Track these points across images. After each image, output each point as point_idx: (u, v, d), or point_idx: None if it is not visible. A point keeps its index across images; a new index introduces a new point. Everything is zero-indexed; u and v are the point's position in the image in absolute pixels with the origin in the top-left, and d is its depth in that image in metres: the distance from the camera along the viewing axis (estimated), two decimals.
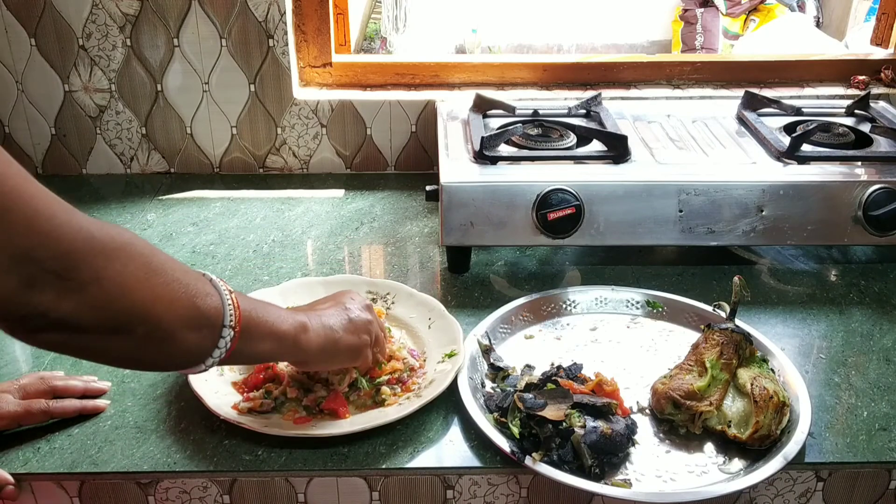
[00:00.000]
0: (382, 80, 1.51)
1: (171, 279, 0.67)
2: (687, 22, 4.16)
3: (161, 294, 0.66)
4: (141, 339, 0.66)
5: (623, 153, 1.19)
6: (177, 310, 0.67)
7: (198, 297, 0.69)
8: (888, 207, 1.13)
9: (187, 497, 0.87)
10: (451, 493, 0.87)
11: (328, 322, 0.84)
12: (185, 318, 0.68)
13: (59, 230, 0.58)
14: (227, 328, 0.71)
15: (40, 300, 0.58)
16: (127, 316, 0.64)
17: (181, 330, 0.68)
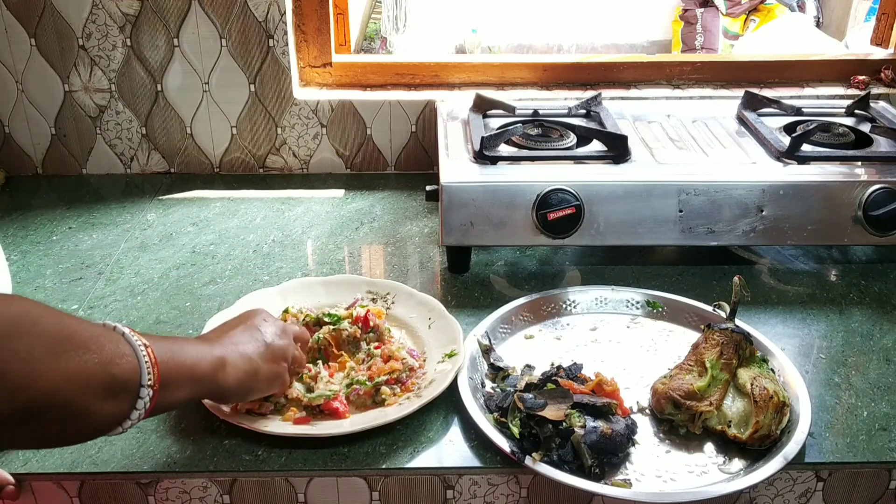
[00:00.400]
0: (382, 80, 1.51)
1: (82, 351, 0.61)
2: (687, 22, 4.16)
3: (73, 372, 0.60)
4: (50, 422, 0.60)
5: (623, 153, 1.19)
6: (91, 385, 0.62)
7: (112, 364, 0.63)
8: (888, 207, 1.13)
9: (187, 497, 0.87)
10: (451, 493, 0.87)
11: (245, 351, 0.81)
12: (100, 391, 0.63)
13: None
14: (146, 388, 0.66)
15: None
16: (36, 404, 0.58)
17: (96, 403, 0.63)
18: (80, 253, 1.24)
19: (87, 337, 0.63)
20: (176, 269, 1.20)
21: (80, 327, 0.63)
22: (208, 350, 0.77)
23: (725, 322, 0.98)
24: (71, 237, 1.29)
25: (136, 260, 1.22)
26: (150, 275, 1.18)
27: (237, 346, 0.81)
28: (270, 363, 0.84)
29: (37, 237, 1.28)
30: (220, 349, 0.79)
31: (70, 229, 1.31)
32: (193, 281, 1.17)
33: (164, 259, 1.23)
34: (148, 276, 1.18)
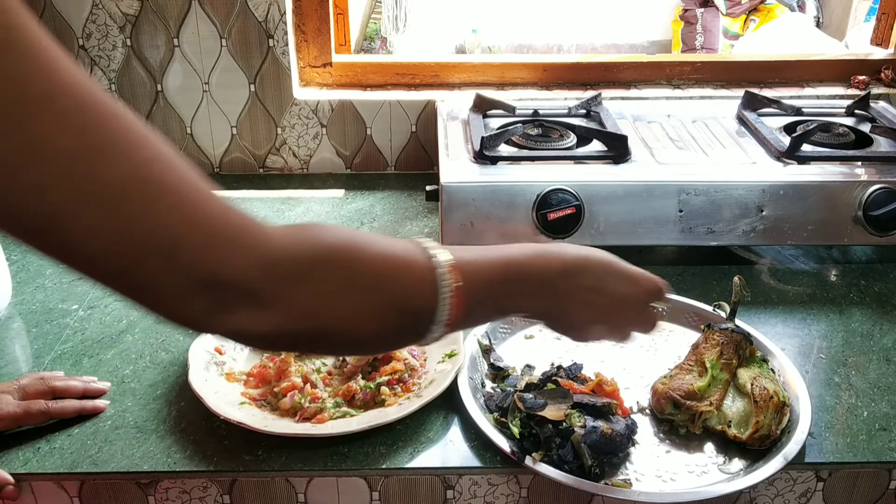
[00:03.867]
0: (382, 80, 1.51)
1: (377, 290, 0.61)
2: (687, 22, 4.16)
3: (360, 308, 0.60)
4: (338, 345, 0.64)
5: (623, 153, 1.19)
6: (380, 321, 0.62)
7: (407, 301, 0.62)
8: (888, 207, 1.13)
9: (187, 497, 0.87)
10: (451, 493, 0.87)
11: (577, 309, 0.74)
12: (389, 327, 0.63)
13: (248, 250, 0.54)
14: (439, 325, 0.64)
15: (233, 322, 0.55)
16: (322, 334, 0.60)
17: (383, 335, 0.63)
18: None
19: (388, 270, 0.62)
20: None
21: (385, 260, 0.62)
22: (531, 292, 0.70)
23: (725, 322, 0.98)
24: None
25: None
26: None
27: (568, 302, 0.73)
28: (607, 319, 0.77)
29: None
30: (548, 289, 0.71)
31: None
32: None
33: None
34: None
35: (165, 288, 0.52)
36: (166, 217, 0.50)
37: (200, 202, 0.52)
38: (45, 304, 1.11)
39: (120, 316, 1.09)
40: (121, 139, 0.48)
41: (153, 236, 0.50)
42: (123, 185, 0.48)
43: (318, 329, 0.59)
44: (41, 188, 0.46)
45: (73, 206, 0.47)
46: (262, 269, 0.55)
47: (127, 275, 0.52)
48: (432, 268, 0.63)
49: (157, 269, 0.51)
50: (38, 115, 0.45)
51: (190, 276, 0.52)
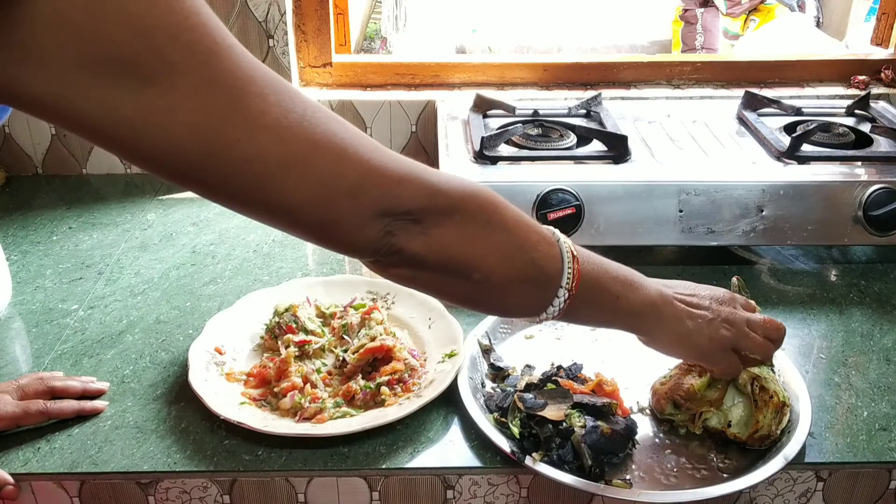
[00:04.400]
0: (382, 80, 1.51)
1: (511, 236, 0.71)
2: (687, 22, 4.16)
3: (497, 248, 0.70)
4: (476, 284, 0.71)
5: (623, 153, 1.19)
6: (510, 264, 0.71)
7: (536, 257, 0.72)
8: (888, 207, 1.13)
9: (187, 497, 0.87)
10: (451, 493, 0.87)
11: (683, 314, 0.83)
12: (518, 274, 0.72)
13: (414, 185, 0.66)
14: (563, 289, 0.73)
15: (396, 241, 0.66)
16: (463, 263, 0.69)
17: (513, 284, 0.72)
18: (80, 253, 1.24)
19: (523, 228, 0.72)
20: (176, 269, 1.20)
21: (521, 222, 0.72)
22: (641, 297, 0.80)
23: None
24: (71, 237, 1.29)
25: (136, 260, 1.22)
26: (150, 275, 1.18)
27: (680, 307, 0.83)
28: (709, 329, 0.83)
29: (37, 237, 1.28)
30: (658, 300, 0.81)
31: (70, 229, 1.31)
32: (193, 281, 1.17)
33: (164, 259, 1.23)
34: (148, 276, 1.18)
35: (349, 222, 0.63)
36: (352, 164, 0.61)
37: (373, 149, 0.64)
38: (45, 304, 1.11)
39: (120, 316, 1.09)
40: (307, 106, 0.59)
41: (343, 181, 0.61)
42: (318, 143, 0.59)
43: (461, 260, 0.69)
44: (258, 156, 0.57)
45: (282, 168, 0.58)
46: (426, 200, 0.66)
47: (321, 217, 0.62)
48: (556, 239, 0.74)
49: (345, 208, 0.62)
50: (245, 98, 0.55)
51: (371, 210, 0.63)
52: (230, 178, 0.57)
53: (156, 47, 0.50)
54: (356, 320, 1.02)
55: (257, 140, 0.56)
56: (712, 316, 0.83)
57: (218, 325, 1.02)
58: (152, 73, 0.51)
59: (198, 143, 0.54)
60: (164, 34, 0.51)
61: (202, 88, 0.53)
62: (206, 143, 0.55)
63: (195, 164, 0.56)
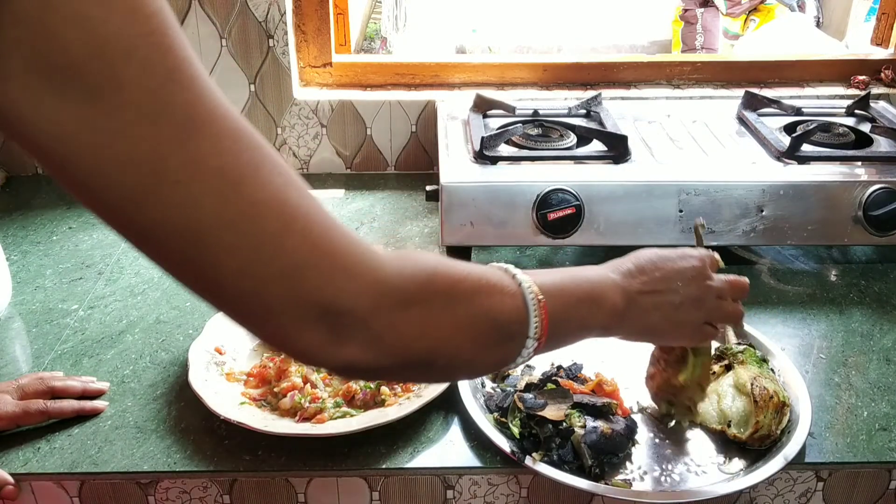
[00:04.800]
0: (382, 80, 1.51)
1: (474, 307, 0.63)
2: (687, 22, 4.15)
3: (461, 328, 0.63)
4: (442, 368, 0.66)
5: (623, 153, 1.19)
6: (477, 339, 0.65)
7: (502, 319, 0.65)
8: (888, 207, 1.13)
9: (187, 497, 0.87)
10: (451, 493, 0.87)
11: (652, 307, 0.77)
12: (485, 343, 0.66)
13: (364, 278, 0.56)
14: (531, 339, 0.67)
15: (347, 353, 0.57)
16: (425, 356, 0.62)
17: (480, 354, 0.66)
18: (80, 253, 1.24)
19: (483, 294, 0.64)
20: None
21: (479, 286, 0.65)
22: (608, 309, 0.74)
23: None
24: (71, 237, 1.29)
25: (136, 260, 1.22)
26: (150, 275, 1.18)
27: (646, 300, 0.76)
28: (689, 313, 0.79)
29: (37, 237, 1.28)
30: (623, 304, 0.74)
31: (70, 229, 1.31)
32: None
33: None
34: (148, 276, 1.18)
35: (286, 314, 0.54)
36: (297, 241, 0.52)
37: (326, 229, 0.54)
38: (45, 304, 1.11)
39: (120, 316, 1.09)
40: (265, 163, 0.52)
41: (283, 259, 0.52)
42: (264, 206, 0.51)
43: (425, 353, 0.62)
44: (194, 204, 0.49)
45: (217, 223, 0.50)
46: (374, 299, 0.56)
47: (251, 297, 0.53)
48: (518, 284, 0.66)
49: (280, 293, 0.53)
50: (196, 137, 0.48)
51: (310, 303, 0.54)
52: (161, 226, 0.49)
53: (108, 58, 0.45)
54: None
55: (197, 186, 0.48)
56: (680, 300, 0.78)
57: (218, 324, 1.02)
58: (99, 87, 0.45)
59: (133, 176, 0.47)
60: (120, 45, 0.45)
61: (150, 115, 0.46)
62: (142, 178, 0.47)
63: (127, 202, 0.48)
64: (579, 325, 0.73)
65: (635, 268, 0.77)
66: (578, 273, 0.75)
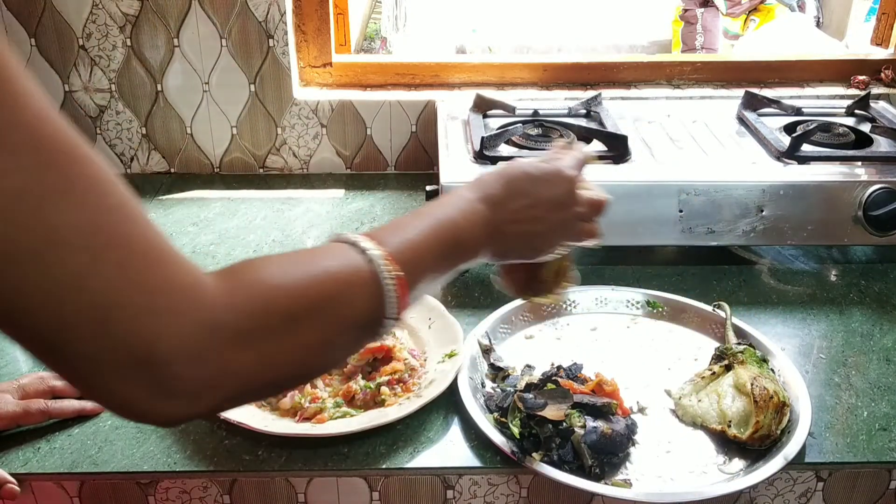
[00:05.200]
0: (382, 80, 1.51)
1: (322, 318, 0.57)
2: (687, 22, 4.15)
3: (313, 349, 0.57)
4: (297, 383, 0.63)
5: (623, 153, 1.19)
6: (332, 346, 0.59)
7: (355, 317, 0.60)
8: (888, 207, 1.13)
9: (187, 497, 0.87)
10: (451, 493, 0.87)
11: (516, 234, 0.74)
12: (343, 346, 0.61)
13: (187, 317, 0.48)
14: (388, 319, 0.63)
15: (173, 407, 0.49)
16: (273, 383, 0.57)
17: (340, 354, 0.63)
18: None
19: (348, 294, 0.59)
20: None
21: (339, 280, 0.59)
22: (471, 248, 0.71)
23: None
24: None
25: None
26: None
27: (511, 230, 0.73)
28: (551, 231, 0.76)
29: None
30: (487, 238, 0.71)
31: None
32: None
33: None
34: None
35: (98, 363, 0.46)
36: (108, 276, 0.45)
37: (148, 260, 0.47)
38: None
39: None
40: (79, 184, 0.44)
41: (89, 297, 0.44)
42: (70, 233, 0.43)
43: (272, 382, 0.56)
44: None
45: (12, 255, 0.42)
46: (203, 340, 0.49)
47: (58, 342, 0.45)
48: (371, 268, 0.61)
49: (88, 338, 0.45)
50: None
51: (124, 350, 0.46)
52: None
53: None
54: None
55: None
56: (544, 228, 0.76)
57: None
58: None
59: None
60: None
61: None
62: None
63: None
64: (442, 275, 0.69)
65: (506, 193, 0.73)
66: (441, 217, 0.69)
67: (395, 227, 0.67)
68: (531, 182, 0.75)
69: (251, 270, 0.55)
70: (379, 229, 0.65)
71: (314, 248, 0.62)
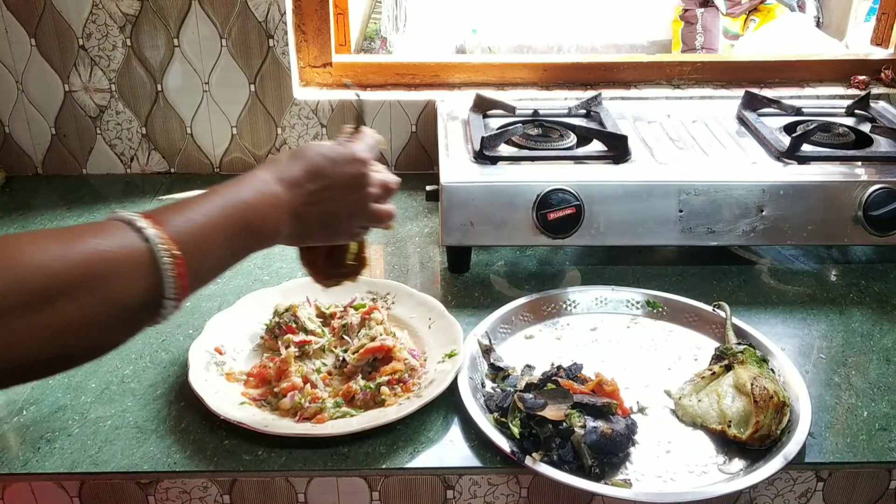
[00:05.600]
0: (382, 80, 1.51)
1: (86, 299, 0.56)
2: (687, 22, 4.15)
3: (77, 327, 0.56)
4: (69, 367, 0.61)
5: (623, 153, 1.19)
6: (100, 329, 0.59)
7: (125, 299, 0.59)
8: (888, 207, 1.13)
9: (187, 497, 0.87)
10: (451, 493, 0.87)
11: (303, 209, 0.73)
12: (112, 329, 0.60)
13: None
14: (169, 300, 0.61)
15: None
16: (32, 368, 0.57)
17: (112, 338, 0.61)
18: None
19: (104, 271, 0.57)
20: None
21: (103, 256, 0.57)
22: (268, 233, 0.71)
23: None
24: None
25: None
26: None
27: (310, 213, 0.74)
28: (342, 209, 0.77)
29: None
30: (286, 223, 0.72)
31: None
32: None
33: None
34: None
35: None
36: None
37: None
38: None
39: None
40: None
41: None
42: None
43: (24, 361, 0.54)
44: None
45: None
46: None
47: None
48: (147, 247, 0.59)
49: None
50: None
51: None
52: None
53: None
54: (356, 320, 1.02)
55: None
56: (341, 210, 0.76)
57: (218, 324, 1.02)
58: None
59: None
60: None
61: None
62: None
63: None
64: (233, 257, 0.69)
65: (304, 175, 0.74)
66: (232, 197, 0.68)
67: (179, 207, 0.65)
68: (329, 164, 0.75)
69: (7, 247, 0.55)
70: (160, 208, 0.64)
71: (87, 225, 0.60)
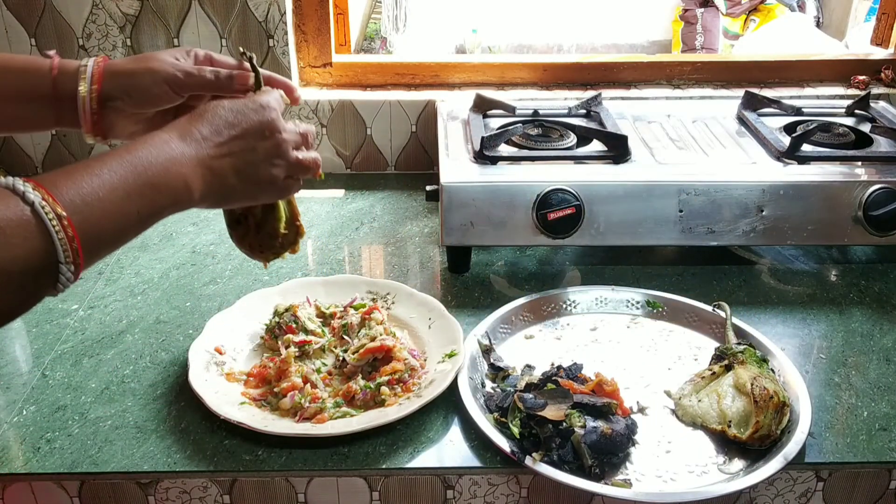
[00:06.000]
0: (382, 80, 1.51)
1: None
2: (687, 22, 4.16)
3: None
4: None
5: (623, 153, 1.19)
6: None
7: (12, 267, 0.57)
8: (888, 207, 1.13)
9: (187, 497, 0.87)
10: (451, 493, 0.87)
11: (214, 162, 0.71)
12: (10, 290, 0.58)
13: None
14: (65, 265, 0.60)
15: None
16: None
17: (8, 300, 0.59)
18: None
19: None
20: (176, 269, 1.20)
21: None
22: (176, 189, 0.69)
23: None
24: None
25: (136, 260, 1.22)
26: (150, 275, 1.18)
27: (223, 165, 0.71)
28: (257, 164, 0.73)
29: None
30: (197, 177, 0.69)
31: None
32: (193, 281, 1.17)
33: (164, 259, 1.23)
34: (148, 276, 1.18)
35: None
36: None
37: None
38: (45, 303, 1.10)
39: (120, 316, 1.09)
40: None
41: None
42: None
43: None
44: None
45: None
46: None
47: None
48: (33, 211, 0.58)
49: None
50: None
51: None
52: None
53: None
54: (356, 320, 1.02)
55: None
56: (258, 157, 0.73)
57: (218, 324, 1.02)
58: None
59: None
60: None
61: None
62: None
63: None
64: (138, 219, 0.67)
65: (209, 129, 0.71)
66: (128, 157, 0.67)
67: (71, 170, 0.63)
68: (234, 113, 0.73)
69: None
70: (51, 172, 0.62)
71: None
